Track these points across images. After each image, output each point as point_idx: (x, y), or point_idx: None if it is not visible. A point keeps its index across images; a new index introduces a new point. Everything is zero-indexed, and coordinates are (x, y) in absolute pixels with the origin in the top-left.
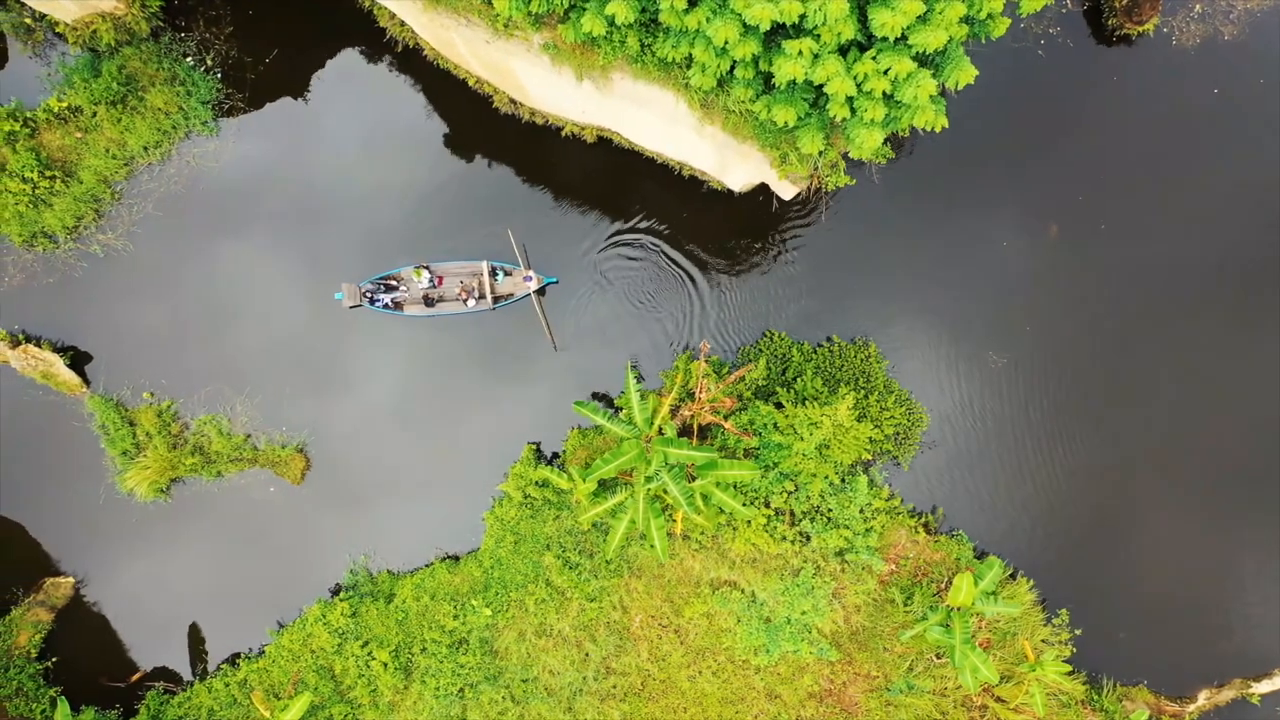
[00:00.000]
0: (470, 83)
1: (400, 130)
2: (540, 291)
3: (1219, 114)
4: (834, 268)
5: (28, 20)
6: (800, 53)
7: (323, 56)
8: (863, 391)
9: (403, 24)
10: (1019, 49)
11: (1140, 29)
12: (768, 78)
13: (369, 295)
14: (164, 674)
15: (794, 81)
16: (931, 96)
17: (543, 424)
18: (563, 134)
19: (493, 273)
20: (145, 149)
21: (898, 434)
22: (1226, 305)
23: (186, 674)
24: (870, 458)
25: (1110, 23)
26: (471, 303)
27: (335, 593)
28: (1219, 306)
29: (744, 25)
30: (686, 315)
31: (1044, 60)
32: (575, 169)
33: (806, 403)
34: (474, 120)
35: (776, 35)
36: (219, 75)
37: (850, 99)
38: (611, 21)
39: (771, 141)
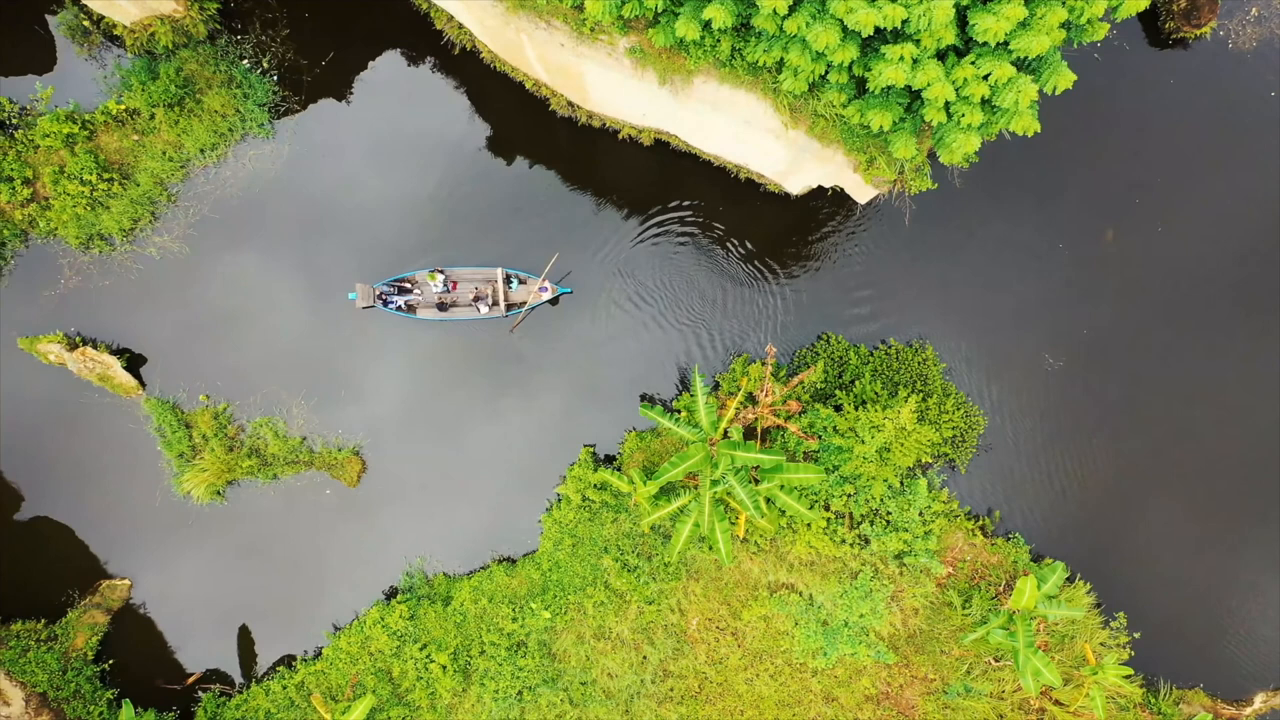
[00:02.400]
0: (528, 85)
1: (449, 132)
2: (554, 301)
3: (1276, 117)
4: (888, 270)
5: (85, 22)
6: (901, 58)
7: (378, 58)
8: (921, 394)
9: (460, 26)
10: (1075, 53)
11: (1197, 32)
12: (859, 82)
13: (382, 297)
14: (218, 676)
15: (889, 86)
16: (1033, 102)
17: (595, 426)
18: (619, 136)
19: (507, 280)
20: (201, 151)
21: (954, 437)
22: None
23: (242, 676)
24: (929, 460)
25: (1167, 26)
26: (484, 309)
27: (390, 596)
28: None
29: (844, 30)
30: (746, 318)
31: (1099, 63)
32: (627, 170)
33: (865, 406)
34: (528, 122)
35: (873, 40)
36: (275, 78)
37: (947, 104)
38: (705, 26)
39: (859, 145)
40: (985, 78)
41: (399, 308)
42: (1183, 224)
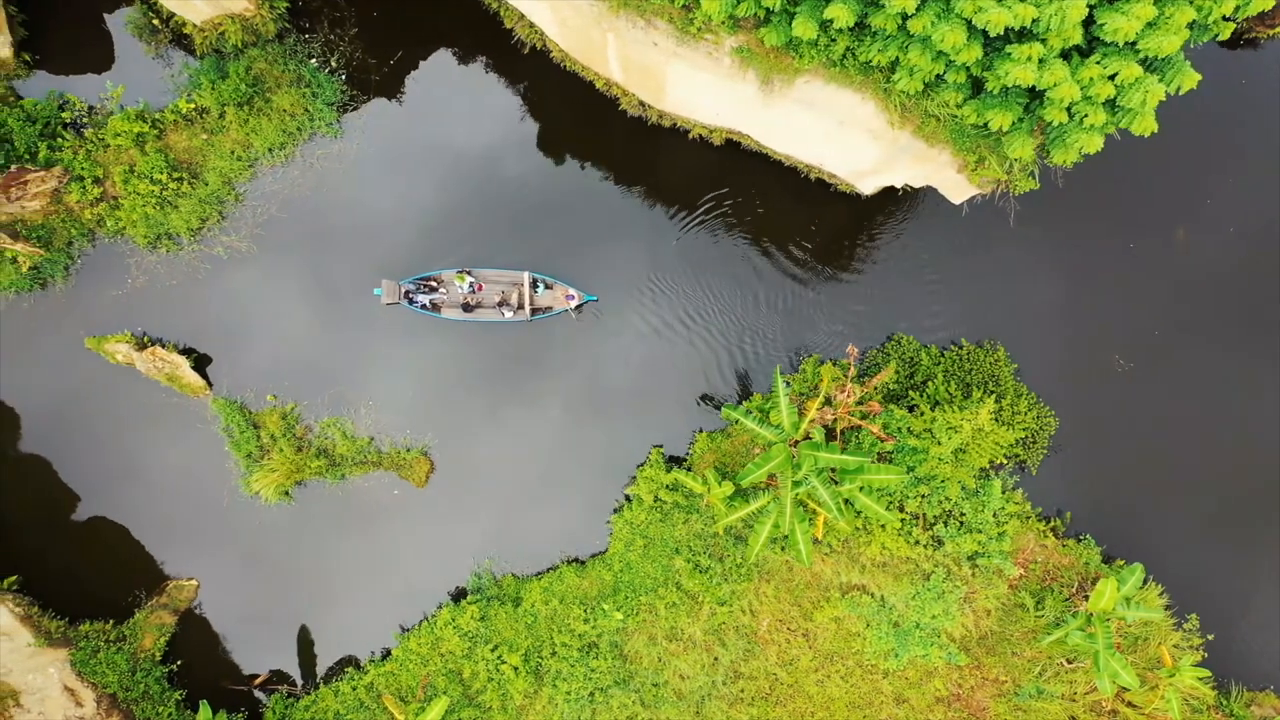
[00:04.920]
0: (598, 85)
1: (505, 131)
2: (579, 309)
3: None
4: (955, 270)
5: (155, 21)
6: (1029, 58)
7: (446, 57)
8: (993, 395)
9: (531, 25)
10: None
11: (1270, 33)
12: (974, 82)
13: (408, 294)
14: (284, 677)
15: (1008, 86)
16: (1160, 102)
17: (659, 427)
18: (689, 136)
19: (533, 284)
20: (270, 151)
21: (1025, 438)
22: None
23: (309, 677)
24: (1002, 461)
25: (1239, 26)
26: (509, 313)
27: (457, 597)
28: None
29: (969, 30)
30: (808, 319)
31: None
32: (688, 170)
33: (940, 407)
34: (589, 122)
35: (994, 40)
36: (343, 77)
37: (1069, 104)
38: (821, 26)
39: (969, 146)
40: (1111, 78)
41: (424, 306)
42: (1255, 225)
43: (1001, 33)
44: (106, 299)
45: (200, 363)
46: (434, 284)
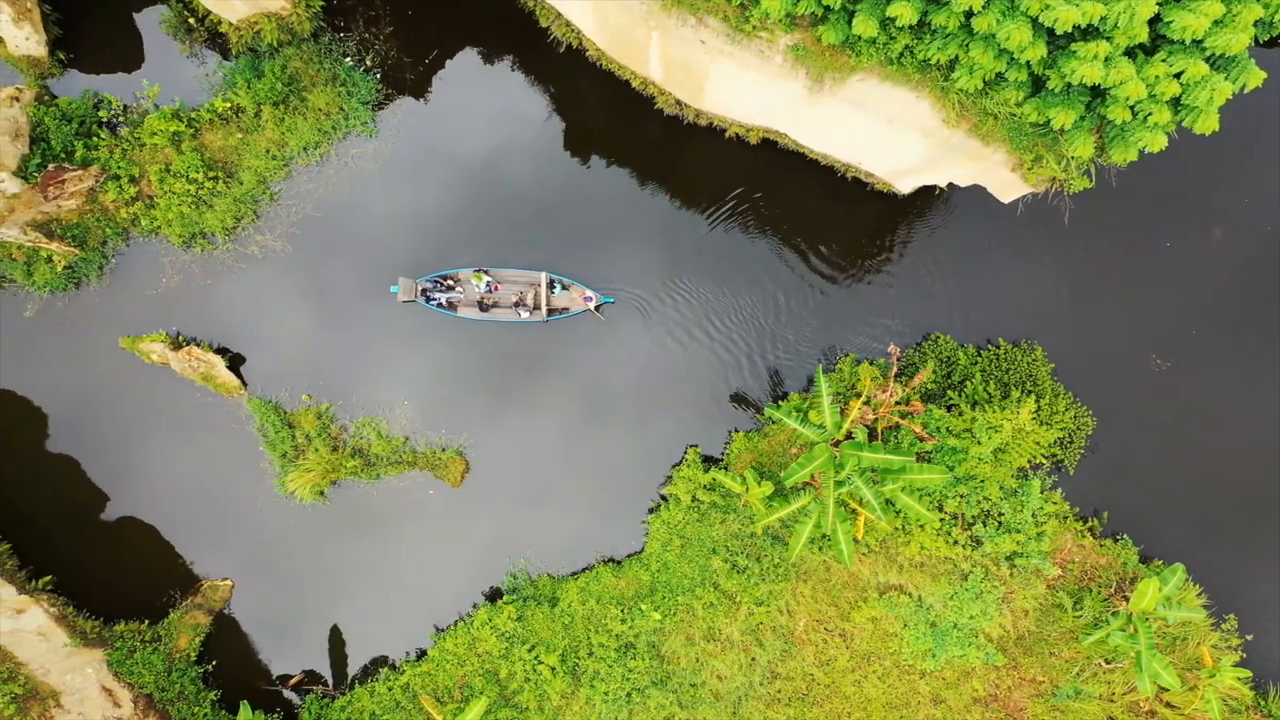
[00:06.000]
0: (634, 84)
1: (535, 129)
2: (597, 309)
3: None
4: (992, 268)
5: (190, 20)
6: (1095, 56)
7: (480, 56)
8: (1032, 394)
9: (568, 24)
10: None
11: None
12: (1035, 80)
13: (425, 293)
14: (317, 678)
15: (1071, 84)
16: (1228, 100)
17: (691, 427)
18: (725, 135)
19: (550, 285)
20: (305, 150)
21: (1063, 438)
22: None
23: (343, 677)
24: (1041, 461)
25: None
26: (525, 313)
27: (491, 597)
28: None
29: (1034, 27)
30: (842, 319)
31: None
32: (719, 168)
33: (977, 406)
34: (621, 120)
35: (1057, 37)
36: (378, 75)
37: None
38: (881, 24)
39: (1026, 144)
40: (1177, 76)
41: (440, 305)
42: None
43: (1069, 30)
44: (140, 298)
45: (234, 362)
46: (451, 282)
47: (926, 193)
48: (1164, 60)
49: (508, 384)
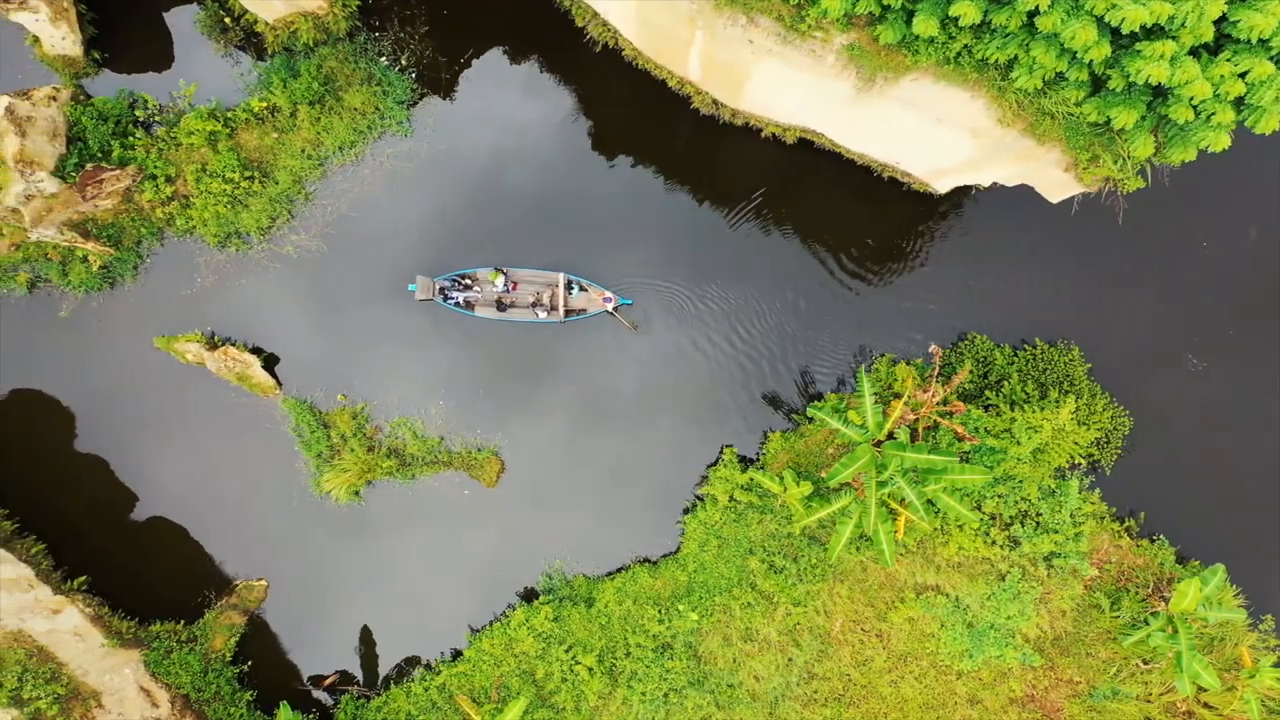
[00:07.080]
0: (670, 84)
1: (565, 128)
2: (614, 311)
3: None
4: (1028, 268)
5: (225, 20)
6: (1161, 55)
7: (514, 56)
8: (1070, 395)
9: (604, 24)
10: None
11: None
12: (1094, 79)
13: (443, 291)
14: (351, 678)
15: (1133, 83)
16: None
17: (724, 426)
18: (761, 135)
19: (568, 286)
20: (340, 149)
21: (1100, 438)
22: None
23: (377, 677)
24: (1079, 462)
25: None
26: (542, 314)
27: (526, 597)
28: None
29: (1099, 26)
30: (876, 319)
31: None
32: (762, 166)
33: (1016, 406)
34: (654, 120)
35: (1120, 37)
36: (413, 75)
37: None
38: (941, 24)
39: (1082, 144)
40: (1242, 75)
41: (458, 304)
42: None
43: (1136, 29)
44: (175, 298)
45: (269, 362)
46: (468, 281)
47: (960, 193)
48: (1229, 59)
49: (539, 385)
